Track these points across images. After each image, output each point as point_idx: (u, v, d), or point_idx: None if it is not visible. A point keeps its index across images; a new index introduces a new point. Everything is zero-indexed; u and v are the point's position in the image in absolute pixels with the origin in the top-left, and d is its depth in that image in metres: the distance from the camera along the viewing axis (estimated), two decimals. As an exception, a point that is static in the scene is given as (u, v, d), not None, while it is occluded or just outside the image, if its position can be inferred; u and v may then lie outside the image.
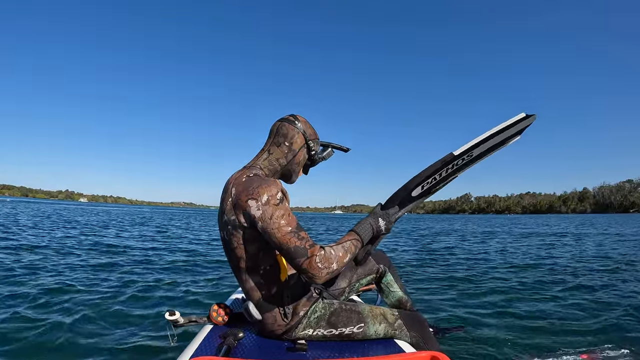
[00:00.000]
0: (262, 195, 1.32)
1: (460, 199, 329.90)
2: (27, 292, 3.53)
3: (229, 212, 1.38)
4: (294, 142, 1.54)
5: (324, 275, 1.30)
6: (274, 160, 1.54)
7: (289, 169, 1.57)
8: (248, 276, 1.44)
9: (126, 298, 3.67)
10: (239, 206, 1.35)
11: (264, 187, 1.33)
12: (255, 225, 1.34)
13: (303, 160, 1.60)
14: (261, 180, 1.38)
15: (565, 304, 3.58)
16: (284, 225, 1.31)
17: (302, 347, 1.38)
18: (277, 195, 1.34)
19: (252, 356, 1.33)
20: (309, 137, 1.57)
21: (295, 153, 1.55)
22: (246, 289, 1.47)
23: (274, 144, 1.55)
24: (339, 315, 1.49)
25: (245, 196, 1.33)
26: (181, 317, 1.58)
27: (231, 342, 1.35)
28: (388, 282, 1.88)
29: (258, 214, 1.31)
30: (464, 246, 10.29)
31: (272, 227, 1.31)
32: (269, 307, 1.45)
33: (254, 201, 1.32)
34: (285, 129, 1.54)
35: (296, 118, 1.57)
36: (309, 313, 1.48)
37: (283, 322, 1.45)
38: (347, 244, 1.40)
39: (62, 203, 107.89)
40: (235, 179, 1.42)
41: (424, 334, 1.56)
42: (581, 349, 2.43)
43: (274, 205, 1.32)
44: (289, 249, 1.30)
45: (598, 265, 6.15)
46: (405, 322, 1.55)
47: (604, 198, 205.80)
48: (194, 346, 1.40)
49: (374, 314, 1.53)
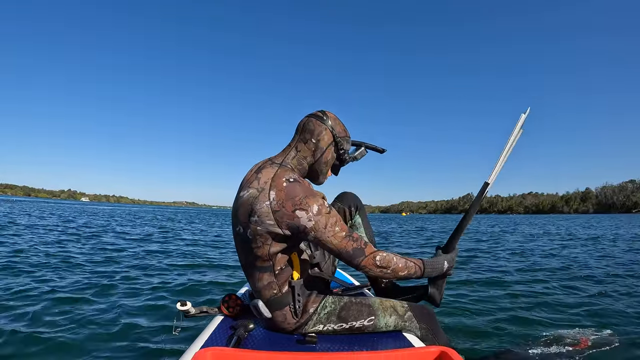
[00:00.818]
0: (312, 206, 1.31)
1: (462, 199, 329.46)
2: (44, 288, 3.54)
3: (264, 214, 1.31)
4: (321, 140, 1.48)
5: (382, 273, 1.42)
6: (301, 158, 1.49)
7: (316, 168, 1.52)
8: (262, 275, 1.41)
9: (136, 288, 3.69)
10: (283, 214, 1.30)
11: (311, 198, 1.32)
12: (305, 235, 1.34)
13: (331, 160, 1.54)
14: (305, 189, 1.34)
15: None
16: (338, 232, 1.36)
17: (311, 339, 1.38)
18: (325, 204, 1.36)
19: (262, 348, 1.34)
20: (338, 135, 1.51)
21: (322, 151, 1.49)
22: (257, 288, 1.44)
23: (301, 141, 1.50)
24: (349, 310, 1.47)
25: (292, 206, 1.30)
26: (192, 307, 1.59)
27: (241, 334, 1.36)
28: (356, 224, 1.85)
29: (310, 224, 1.31)
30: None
31: (328, 235, 1.34)
32: (279, 306, 1.43)
33: (304, 212, 1.30)
34: (312, 125, 1.48)
35: (324, 114, 1.52)
36: (319, 309, 1.47)
37: (293, 320, 1.45)
38: (410, 263, 1.46)
39: (65, 202, 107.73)
40: (273, 180, 1.35)
41: (433, 326, 1.54)
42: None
43: (326, 215, 1.34)
44: (347, 252, 1.37)
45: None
46: (415, 314, 1.52)
47: (607, 198, 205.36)
48: (205, 337, 1.41)
49: (384, 307, 1.50)
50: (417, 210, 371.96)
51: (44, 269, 4.50)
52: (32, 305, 2.98)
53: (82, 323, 2.62)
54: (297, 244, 1.45)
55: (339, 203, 1.85)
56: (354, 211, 1.85)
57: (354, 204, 1.85)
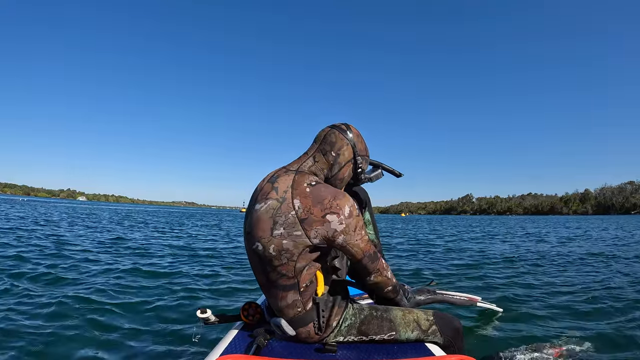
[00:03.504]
0: (343, 209, 1.24)
1: (461, 199, 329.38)
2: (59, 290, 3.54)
3: (289, 225, 1.23)
4: (341, 154, 1.42)
5: (386, 277, 1.44)
6: (318, 170, 1.41)
7: (330, 183, 1.44)
8: (285, 294, 1.33)
9: (156, 295, 3.69)
10: (311, 221, 1.23)
11: (342, 200, 1.26)
12: (333, 240, 1.26)
13: (347, 177, 1.48)
14: (332, 190, 1.28)
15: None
16: (364, 235, 1.33)
17: (331, 348, 1.37)
18: (355, 205, 1.29)
19: (282, 356, 1.33)
20: (359, 152, 1.46)
21: (340, 167, 1.43)
22: (279, 307, 1.36)
23: (320, 152, 1.42)
24: (370, 324, 1.42)
25: (322, 210, 1.23)
26: (212, 315, 1.58)
27: (261, 342, 1.35)
28: (365, 221, 1.75)
29: (341, 227, 1.24)
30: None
31: (357, 238, 1.29)
32: (303, 323, 1.37)
33: (335, 216, 1.23)
34: (334, 138, 1.42)
35: (349, 128, 1.46)
36: (341, 322, 1.41)
37: (316, 336, 1.40)
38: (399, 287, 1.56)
39: (62, 202, 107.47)
40: (294, 188, 1.28)
41: (457, 340, 1.47)
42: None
43: (356, 217, 1.28)
44: (370, 255, 1.36)
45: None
46: (439, 328, 1.45)
47: (606, 199, 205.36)
48: (224, 344, 1.41)
49: (406, 321, 1.43)
50: (417, 210, 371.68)
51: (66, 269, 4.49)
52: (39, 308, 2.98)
53: (94, 327, 2.62)
54: (324, 256, 1.37)
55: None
56: (363, 208, 1.75)
57: (364, 201, 1.76)
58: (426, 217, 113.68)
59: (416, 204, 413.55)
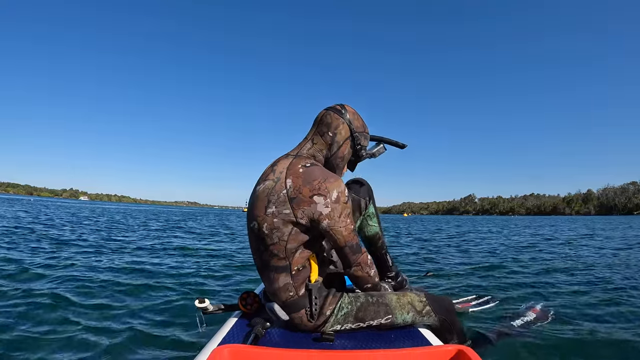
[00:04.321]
0: (331, 192, 1.27)
1: (464, 200, 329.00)
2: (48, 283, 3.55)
3: (280, 203, 1.28)
4: (338, 133, 1.45)
5: (367, 274, 1.45)
6: (317, 151, 1.46)
7: (332, 162, 1.48)
8: (278, 276, 1.37)
9: (154, 285, 3.70)
10: (299, 200, 1.27)
11: (332, 183, 1.29)
12: (318, 222, 1.29)
13: (348, 155, 1.51)
14: (325, 173, 1.32)
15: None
16: (349, 224, 1.34)
17: (329, 337, 1.38)
18: (345, 192, 1.32)
19: (280, 345, 1.34)
20: (356, 130, 1.48)
21: (339, 145, 1.46)
22: (273, 290, 1.41)
23: (318, 134, 1.47)
24: (366, 310, 1.45)
25: (310, 191, 1.27)
26: (210, 304, 1.59)
27: (259, 331, 1.36)
28: (369, 214, 1.79)
29: (326, 211, 1.27)
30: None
31: (341, 225, 1.31)
32: (296, 308, 1.40)
33: (322, 198, 1.26)
34: (330, 118, 1.46)
35: (343, 107, 1.49)
36: (336, 310, 1.44)
37: (310, 323, 1.42)
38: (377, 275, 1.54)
39: (63, 201, 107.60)
40: (288, 168, 1.33)
41: (451, 318, 1.53)
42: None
43: (343, 204, 1.31)
44: (352, 246, 1.37)
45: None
46: (433, 308, 1.50)
47: (608, 200, 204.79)
48: (222, 334, 1.41)
49: (401, 304, 1.48)
50: (419, 211, 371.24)
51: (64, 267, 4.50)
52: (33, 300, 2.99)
53: (96, 318, 2.64)
54: (314, 241, 1.41)
55: (353, 193, 1.75)
56: (368, 201, 1.77)
57: (369, 195, 1.78)
58: (431, 217, 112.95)
59: (418, 204, 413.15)
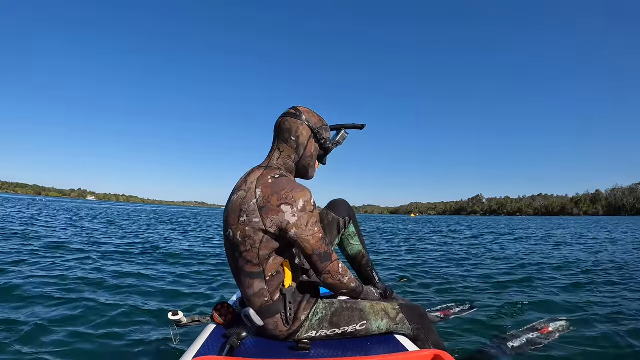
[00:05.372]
0: (297, 201, 1.31)
1: (472, 200, 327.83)
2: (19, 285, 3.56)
3: (251, 212, 1.32)
4: (300, 135, 1.48)
5: (339, 281, 1.44)
6: (286, 157, 1.50)
7: (303, 164, 1.53)
8: (252, 282, 1.40)
9: (126, 298, 3.61)
10: (268, 210, 1.31)
11: (298, 192, 1.32)
12: (286, 231, 1.32)
13: (315, 152, 1.55)
14: (292, 183, 1.35)
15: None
16: (317, 232, 1.36)
17: (305, 346, 1.38)
18: (311, 201, 1.35)
19: (255, 356, 1.33)
20: (315, 126, 1.51)
21: (305, 146, 1.50)
22: (248, 296, 1.44)
23: (282, 141, 1.50)
24: (341, 315, 1.47)
25: (278, 200, 1.30)
26: (184, 317, 1.58)
27: (234, 342, 1.35)
28: (350, 234, 1.87)
29: (293, 220, 1.30)
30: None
31: (308, 234, 1.34)
32: (270, 313, 1.43)
33: (289, 207, 1.30)
34: (288, 124, 1.49)
35: (297, 110, 1.52)
36: (310, 315, 1.46)
37: (285, 328, 1.44)
38: (356, 281, 1.53)
39: (62, 201, 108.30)
40: (258, 179, 1.37)
41: (425, 326, 1.54)
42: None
43: (309, 213, 1.34)
44: (320, 254, 1.38)
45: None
46: (406, 316, 1.53)
47: (617, 200, 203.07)
48: (197, 346, 1.40)
49: (375, 311, 1.51)
50: (427, 211, 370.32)
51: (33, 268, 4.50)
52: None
53: (65, 329, 2.57)
54: (286, 248, 1.44)
55: (332, 212, 1.83)
56: (347, 221, 1.85)
57: (348, 214, 1.85)
58: (438, 217, 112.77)
59: (426, 204, 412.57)
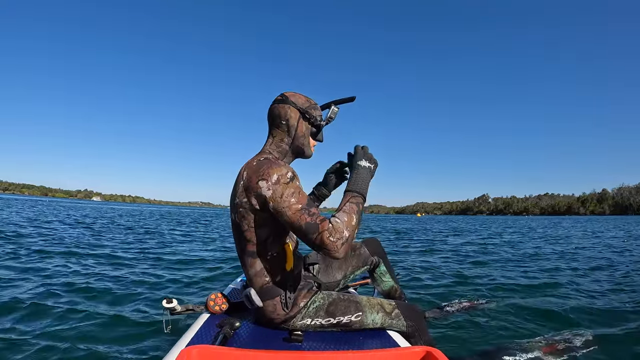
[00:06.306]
0: (272, 175, 1.34)
1: (477, 199, 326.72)
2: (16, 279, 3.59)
3: (240, 194, 1.40)
4: (290, 118, 1.54)
5: (340, 247, 1.25)
6: (279, 141, 1.56)
7: (297, 145, 1.57)
8: (254, 261, 1.46)
9: (121, 285, 3.66)
10: (250, 188, 1.37)
11: (273, 168, 1.36)
12: (268, 207, 1.35)
13: (307, 131, 1.58)
14: (271, 162, 1.40)
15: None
16: (294, 203, 1.32)
17: (298, 338, 1.39)
18: (287, 174, 1.36)
19: (248, 346, 1.34)
20: (302, 106, 1.56)
21: (295, 127, 1.55)
22: (250, 275, 1.48)
23: (274, 127, 1.57)
24: (337, 305, 1.51)
25: (256, 178, 1.36)
26: (178, 305, 1.59)
27: (227, 332, 1.37)
28: (381, 272, 2.03)
29: (269, 194, 1.33)
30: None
31: (283, 205, 1.32)
32: (270, 295, 1.46)
33: (264, 182, 1.34)
34: (277, 110, 1.55)
35: (283, 95, 1.57)
36: (309, 304, 1.50)
37: (283, 312, 1.47)
38: (347, 206, 1.35)
39: (74, 202, 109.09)
40: (247, 164, 1.45)
41: (420, 325, 1.57)
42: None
43: (284, 184, 1.34)
44: (300, 226, 1.28)
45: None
46: (402, 312, 1.56)
47: (623, 199, 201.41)
48: (191, 334, 1.41)
49: (371, 304, 1.54)
50: (433, 211, 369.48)
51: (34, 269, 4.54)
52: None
53: (61, 320, 2.59)
54: (282, 229, 1.45)
55: (365, 248, 2.01)
56: (376, 259, 2.01)
57: (379, 252, 2.03)
58: (444, 217, 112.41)
59: (432, 204, 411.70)
